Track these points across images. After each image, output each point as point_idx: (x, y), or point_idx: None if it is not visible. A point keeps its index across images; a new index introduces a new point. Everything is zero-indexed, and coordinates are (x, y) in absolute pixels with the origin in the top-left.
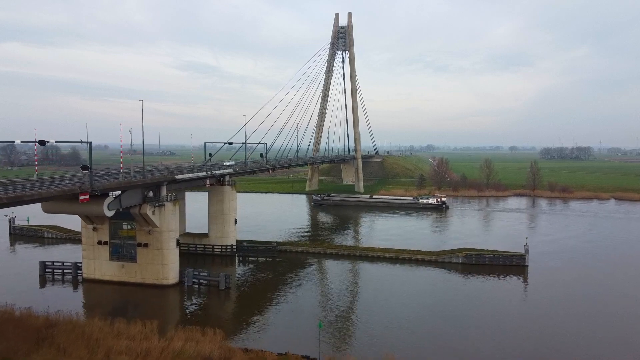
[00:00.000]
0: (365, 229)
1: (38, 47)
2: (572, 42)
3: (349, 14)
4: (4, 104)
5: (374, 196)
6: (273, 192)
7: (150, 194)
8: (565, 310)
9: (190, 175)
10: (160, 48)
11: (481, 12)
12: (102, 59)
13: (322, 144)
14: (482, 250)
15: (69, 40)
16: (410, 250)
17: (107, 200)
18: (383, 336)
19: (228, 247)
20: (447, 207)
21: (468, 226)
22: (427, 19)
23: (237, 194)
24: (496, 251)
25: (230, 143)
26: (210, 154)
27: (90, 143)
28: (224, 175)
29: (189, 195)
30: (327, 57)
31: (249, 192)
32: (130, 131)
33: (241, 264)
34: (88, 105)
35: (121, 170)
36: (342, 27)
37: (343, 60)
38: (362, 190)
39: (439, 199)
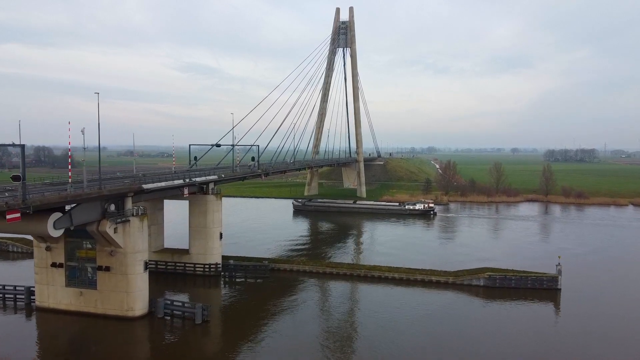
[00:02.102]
0: (358, 241)
1: (38, 48)
2: (573, 44)
3: (351, 9)
4: (3, 105)
5: (358, 202)
6: (269, 197)
7: (112, 207)
8: (612, 346)
9: (163, 184)
10: (160, 49)
11: (481, 12)
12: (102, 60)
13: (322, 146)
14: (507, 270)
15: (69, 41)
16: (422, 270)
17: (53, 217)
18: None
19: (212, 265)
20: (435, 214)
21: (474, 238)
22: (427, 19)
23: (229, 199)
24: (524, 272)
25: (218, 145)
26: (195, 158)
27: (23, 146)
28: (206, 183)
29: (174, 202)
30: (327, 54)
31: (243, 197)
32: (82, 131)
33: (227, 285)
34: (88, 106)
35: (70, 180)
36: (344, 23)
37: (344, 58)
38: (364, 195)
39: (426, 205)
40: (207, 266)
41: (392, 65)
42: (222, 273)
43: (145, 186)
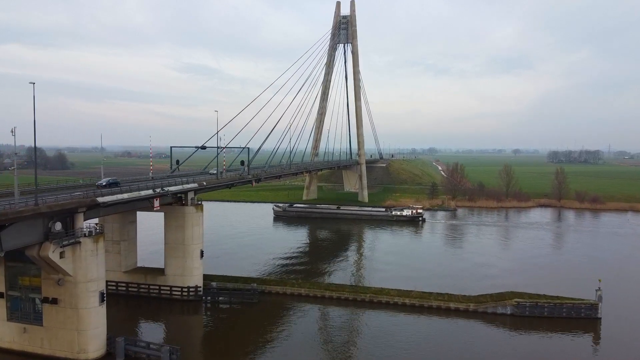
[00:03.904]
0: (351, 253)
1: (39, 49)
2: (574, 45)
3: (352, 2)
4: (3, 106)
5: (342, 207)
6: (265, 202)
7: (58, 226)
8: None
9: (126, 195)
10: (160, 50)
11: (482, 14)
12: (102, 60)
13: (321, 147)
14: (539, 296)
15: (70, 41)
16: (439, 294)
17: None
18: None
19: (191, 289)
20: (423, 220)
21: (485, 252)
22: (428, 20)
23: (220, 204)
24: (557, 298)
25: (204, 147)
26: (177, 162)
27: None
28: (184, 192)
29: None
30: (326, 51)
31: (238, 201)
32: (12, 131)
33: (208, 313)
34: (88, 107)
35: None
36: (344, 17)
37: (345, 55)
38: (366, 199)
39: (414, 211)
40: (185, 289)
41: (393, 66)
42: (204, 297)
43: (100, 199)
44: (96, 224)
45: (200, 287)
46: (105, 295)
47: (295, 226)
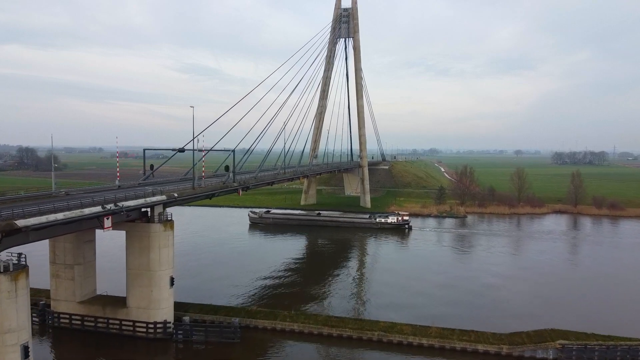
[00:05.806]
0: (342, 270)
1: (39, 50)
2: (574, 46)
3: None
4: (3, 106)
5: (322, 214)
6: (261, 207)
7: None
8: None
9: (60, 215)
10: (161, 50)
11: (483, 15)
12: (103, 61)
13: (321, 147)
14: (588, 335)
15: (70, 42)
16: (463, 332)
17: None
18: None
19: (158, 324)
20: (410, 228)
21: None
22: (429, 22)
23: (210, 208)
24: (610, 338)
25: (182, 150)
26: (151, 166)
27: None
28: (148, 207)
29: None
30: (326, 46)
31: (230, 206)
32: None
33: (180, 355)
34: (88, 107)
35: None
36: (345, 10)
37: (346, 50)
38: (368, 204)
39: (400, 218)
40: (151, 325)
41: (393, 67)
42: (175, 333)
43: (21, 223)
44: (19, 253)
45: (170, 322)
46: (29, 349)
47: (272, 235)
